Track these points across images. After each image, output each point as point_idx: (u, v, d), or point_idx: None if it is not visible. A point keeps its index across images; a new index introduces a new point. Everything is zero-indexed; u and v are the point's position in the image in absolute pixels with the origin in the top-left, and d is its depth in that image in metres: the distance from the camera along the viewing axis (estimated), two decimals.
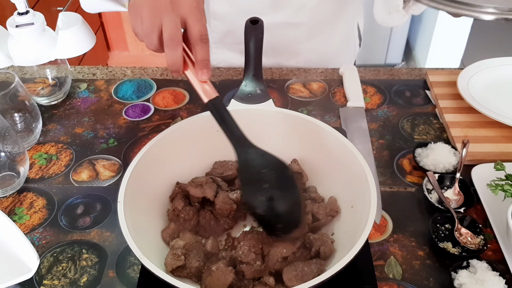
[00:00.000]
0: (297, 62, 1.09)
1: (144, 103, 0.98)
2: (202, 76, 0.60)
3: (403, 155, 0.85)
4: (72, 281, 0.68)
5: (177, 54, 0.58)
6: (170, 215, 0.69)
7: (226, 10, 1.01)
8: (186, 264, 0.63)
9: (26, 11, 0.84)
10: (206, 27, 0.59)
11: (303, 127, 0.73)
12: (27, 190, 0.81)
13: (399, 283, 0.66)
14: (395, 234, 0.72)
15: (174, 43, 0.58)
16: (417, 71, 1.05)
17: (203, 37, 0.59)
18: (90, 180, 0.83)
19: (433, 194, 0.76)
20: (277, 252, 0.62)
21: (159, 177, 0.72)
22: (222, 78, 1.04)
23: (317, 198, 0.71)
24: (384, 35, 2.69)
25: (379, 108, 0.95)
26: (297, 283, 0.57)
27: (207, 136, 0.74)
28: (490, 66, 0.98)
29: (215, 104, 0.61)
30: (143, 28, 0.59)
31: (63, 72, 0.98)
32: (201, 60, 0.60)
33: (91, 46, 0.89)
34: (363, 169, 0.65)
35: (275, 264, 0.62)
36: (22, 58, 0.86)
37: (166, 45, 0.58)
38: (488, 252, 0.69)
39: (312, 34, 1.06)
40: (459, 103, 0.92)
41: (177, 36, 0.58)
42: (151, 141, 0.70)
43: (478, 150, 0.82)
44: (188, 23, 0.59)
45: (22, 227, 0.75)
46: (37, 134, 0.89)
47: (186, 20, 0.58)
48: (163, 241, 0.68)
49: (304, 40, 1.06)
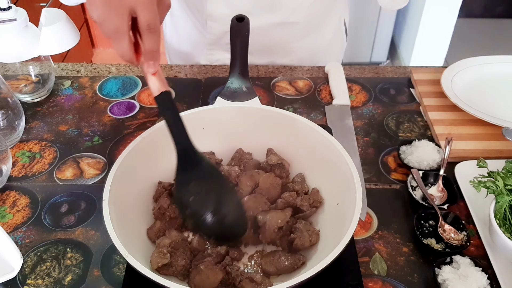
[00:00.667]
0: (290, 60, 1.10)
1: (129, 100, 0.97)
2: (149, 68, 0.59)
3: (388, 152, 0.86)
4: (56, 280, 0.67)
5: (123, 46, 0.56)
6: (155, 213, 0.69)
7: (223, 12, 1.00)
8: (172, 262, 0.62)
9: (9, 7, 0.82)
10: (155, 16, 0.57)
11: (288, 125, 0.74)
12: (9, 189, 0.80)
13: (384, 279, 0.67)
14: (380, 231, 0.73)
15: (118, 35, 0.56)
16: (401, 69, 1.06)
17: (150, 26, 0.56)
18: (75, 178, 0.82)
19: (417, 191, 0.77)
20: (273, 223, 0.65)
21: (144, 175, 0.71)
22: (208, 75, 1.04)
23: (300, 191, 0.71)
24: (369, 33, 2.71)
25: (364, 106, 0.96)
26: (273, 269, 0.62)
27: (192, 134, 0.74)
28: (474, 65, 0.99)
29: (161, 100, 0.60)
30: (97, 17, 0.57)
31: (47, 69, 0.97)
32: (148, 50, 0.58)
33: (75, 42, 0.88)
34: (349, 167, 0.65)
35: (272, 234, 0.65)
36: (4, 54, 0.85)
37: (111, 37, 0.57)
38: (471, 248, 0.70)
39: (305, 32, 1.06)
40: (443, 101, 0.93)
41: (121, 28, 0.56)
42: (137, 138, 0.69)
43: (461, 148, 0.84)
44: (137, 13, 0.56)
45: (5, 226, 0.74)
46: (20, 132, 0.88)
47: (135, 9, 0.56)
48: (148, 239, 0.68)
49: (298, 38, 1.07)
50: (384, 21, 2.66)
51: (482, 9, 3.14)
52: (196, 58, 1.13)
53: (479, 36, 3.00)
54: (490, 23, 3.15)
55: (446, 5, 2.35)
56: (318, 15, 1.06)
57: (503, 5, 3.13)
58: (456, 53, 2.44)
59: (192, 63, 1.10)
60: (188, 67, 1.06)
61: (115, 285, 0.66)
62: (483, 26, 3.11)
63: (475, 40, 2.94)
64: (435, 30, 2.44)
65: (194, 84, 1.01)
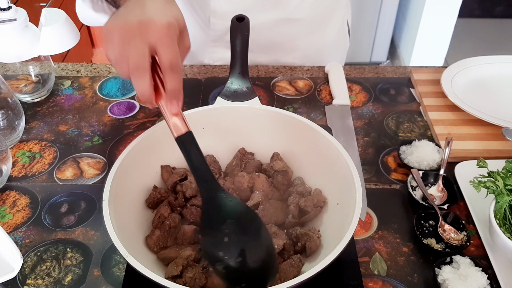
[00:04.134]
0: (294, 58, 1.10)
1: (129, 100, 0.97)
2: (172, 108, 0.56)
3: (388, 152, 0.86)
4: (56, 280, 0.67)
5: (144, 84, 0.54)
6: (155, 221, 0.67)
7: (227, 8, 1.00)
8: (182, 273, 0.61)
9: (9, 7, 0.82)
10: (177, 54, 0.55)
11: (289, 125, 0.74)
12: (9, 189, 0.80)
13: (384, 279, 0.67)
14: (380, 231, 0.73)
15: (139, 72, 0.53)
16: (401, 69, 1.06)
17: (173, 65, 0.54)
18: (75, 178, 0.82)
19: (417, 191, 0.77)
20: None
21: (144, 175, 0.71)
22: (208, 75, 1.04)
23: (304, 192, 0.71)
24: (369, 33, 2.71)
25: (364, 106, 0.96)
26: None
27: None
28: (474, 65, 0.99)
29: (183, 141, 0.57)
30: (114, 55, 0.55)
31: (47, 69, 0.97)
32: (171, 90, 0.55)
33: (75, 42, 0.88)
34: (349, 167, 0.65)
35: None
36: (4, 54, 0.85)
37: (132, 75, 0.54)
38: (471, 248, 0.70)
39: (309, 30, 1.07)
40: (443, 101, 0.93)
41: (142, 65, 0.53)
42: (137, 138, 0.69)
43: (461, 148, 0.83)
44: (158, 51, 0.54)
45: (5, 226, 0.74)
46: (20, 132, 0.88)
47: (156, 47, 0.54)
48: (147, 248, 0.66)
49: (302, 36, 1.07)
50: (384, 21, 2.66)
51: (482, 9, 3.14)
52: (198, 57, 1.13)
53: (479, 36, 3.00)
54: (490, 23, 3.15)
55: (446, 5, 2.35)
56: (322, 13, 1.06)
57: (503, 5, 3.14)
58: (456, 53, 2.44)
59: (194, 62, 1.10)
60: (188, 67, 1.06)
61: (115, 285, 0.66)
62: (483, 26, 3.11)
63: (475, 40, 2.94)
64: (435, 30, 2.44)
65: (194, 84, 1.01)
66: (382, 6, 2.60)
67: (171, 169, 0.73)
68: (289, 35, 1.06)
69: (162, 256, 0.64)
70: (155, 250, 0.65)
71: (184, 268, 0.61)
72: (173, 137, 0.57)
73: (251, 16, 0.76)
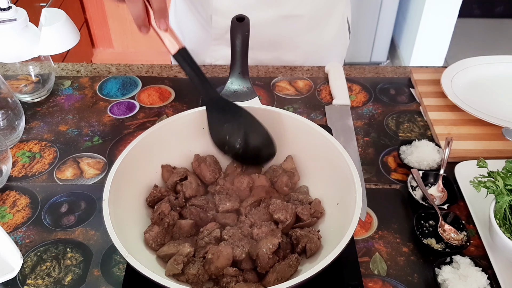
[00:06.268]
0: (295, 55, 1.10)
1: (129, 100, 0.97)
2: (161, 25, 0.64)
3: (388, 152, 0.86)
4: (56, 280, 0.67)
5: (138, 7, 0.62)
6: (154, 217, 0.67)
7: (229, 6, 1.00)
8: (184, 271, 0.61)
9: (9, 7, 0.82)
10: None
11: (289, 125, 0.74)
12: (9, 189, 0.80)
13: (384, 279, 0.67)
14: (380, 231, 0.73)
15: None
16: (401, 69, 1.06)
17: None
18: (75, 178, 0.82)
19: (417, 191, 0.77)
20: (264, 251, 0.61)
21: (144, 175, 0.71)
22: (208, 75, 1.03)
23: (304, 200, 0.70)
24: (369, 33, 2.71)
25: (364, 106, 0.96)
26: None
27: (193, 134, 0.74)
28: (474, 65, 0.99)
29: (181, 56, 0.66)
30: None
31: (47, 69, 0.97)
32: (157, 9, 0.62)
33: (75, 42, 0.88)
34: (349, 167, 0.65)
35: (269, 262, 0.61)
36: (4, 54, 0.85)
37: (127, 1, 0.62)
38: (470, 248, 0.70)
39: (311, 27, 1.07)
40: (443, 101, 0.93)
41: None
42: (137, 139, 0.69)
43: (461, 148, 0.84)
44: None
45: (5, 226, 0.74)
46: (20, 132, 0.88)
47: None
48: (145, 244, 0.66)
49: (303, 33, 1.07)
50: (384, 21, 2.66)
51: (482, 9, 3.15)
52: (200, 56, 1.13)
53: (479, 36, 3.00)
54: (490, 23, 3.15)
55: (446, 5, 2.35)
56: (322, 9, 1.07)
57: (503, 5, 3.14)
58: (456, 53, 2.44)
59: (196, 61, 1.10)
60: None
61: (115, 285, 0.66)
62: (483, 26, 3.11)
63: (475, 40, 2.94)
64: (435, 30, 2.44)
65: None
66: (382, 6, 2.60)
67: (172, 169, 0.73)
68: (290, 32, 1.06)
69: (161, 254, 0.64)
70: (153, 246, 0.65)
71: (185, 266, 0.61)
72: (171, 54, 0.65)
73: (253, 13, 0.76)
